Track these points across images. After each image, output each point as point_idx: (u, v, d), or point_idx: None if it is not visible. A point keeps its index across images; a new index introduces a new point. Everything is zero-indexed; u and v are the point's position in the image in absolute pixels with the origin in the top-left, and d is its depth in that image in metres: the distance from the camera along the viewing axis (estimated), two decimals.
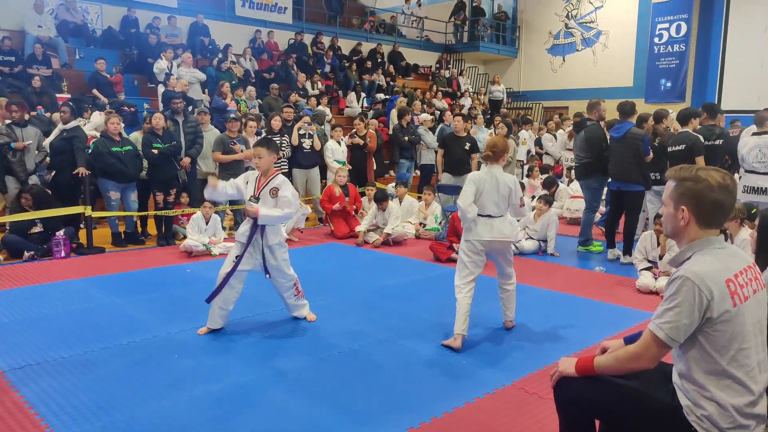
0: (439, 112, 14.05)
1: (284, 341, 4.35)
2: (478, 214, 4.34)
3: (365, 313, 5.01)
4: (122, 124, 7.94)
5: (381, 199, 8.05)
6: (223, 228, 8.05)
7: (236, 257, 4.43)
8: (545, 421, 3.14)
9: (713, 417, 2.01)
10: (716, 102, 15.43)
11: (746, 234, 5.19)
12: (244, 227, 4.49)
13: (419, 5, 19.72)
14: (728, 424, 2.00)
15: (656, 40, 16.77)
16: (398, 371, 3.84)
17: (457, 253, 6.69)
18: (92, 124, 8.89)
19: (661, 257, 5.85)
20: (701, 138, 6.70)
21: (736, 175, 7.22)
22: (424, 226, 8.51)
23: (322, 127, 10.70)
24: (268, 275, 4.55)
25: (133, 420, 3.14)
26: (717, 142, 7.03)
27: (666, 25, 16.58)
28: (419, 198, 9.31)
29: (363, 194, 8.99)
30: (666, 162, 6.83)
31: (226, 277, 4.39)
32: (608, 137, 7.08)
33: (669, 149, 6.79)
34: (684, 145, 6.59)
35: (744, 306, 2.01)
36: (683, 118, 6.87)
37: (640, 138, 6.68)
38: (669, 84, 16.58)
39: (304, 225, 8.52)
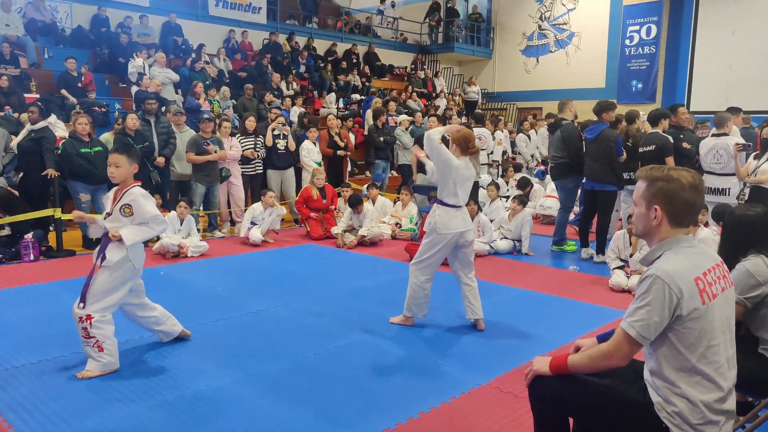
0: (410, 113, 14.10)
1: (258, 344, 4.31)
2: (453, 205, 4.41)
3: (340, 314, 4.99)
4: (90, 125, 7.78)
5: (355, 203, 8.02)
6: (198, 230, 7.97)
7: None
8: (520, 420, 3.16)
9: (684, 413, 2.04)
10: (686, 103, 15.74)
11: (704, 233, 5.32)
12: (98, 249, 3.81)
13: (393, 6, 19.75)
14: (698, 420, 2.03)
15: (627, 42, 17.04)
16: (374, 372, 3.83)
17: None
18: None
19: (632, 256, 5.94)
20: (671, 139, 6.82)
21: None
22: (400, 226, 8.53)
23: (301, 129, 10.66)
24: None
25: (103, 426, 3.08)
26: (685, 145, 7.15)
27: (637, 28, 16.87)
28: (397, 198, 9.32)
29: (339, 195, 8.97)
30: (638, 162, 6.94)
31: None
32: (583, 138, 7.16)
33: (639, 150, 6.90)
34: (654, 146, 6.70)
35: (713, 304, 2.05)
36: (653, 119, 6.98)
37: (613, 139, 6.78)
38: (640, 85, 16.87)
39: (279, 226, 8.47)
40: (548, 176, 10.65)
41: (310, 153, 9.46)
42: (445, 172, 4.42)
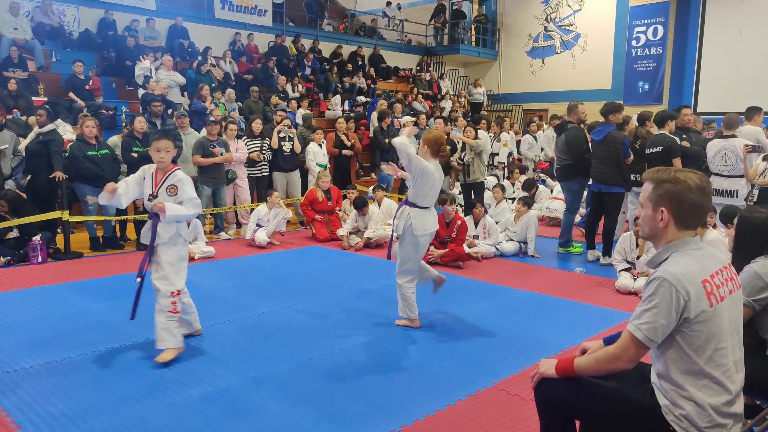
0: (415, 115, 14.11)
1: (265, 345, 4.32)
2: (424, 207, 4.58)
3: (346, 316, 4.99)
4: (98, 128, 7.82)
5: (361, 205, 8.03)
6: (204, 232, 8.00)
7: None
8: (527, 422, 3.16)
9: (691, 416, 2.03)
10: (693, 104, 15.69)
11: (713, 235, 5.29)
12: (147, 230, 4.03)
13: (399, 8, 19.76)
14: (706, 423, 2.03)
15: (634, 43, 16.99)
16: (379, 374, 3.83)
17: (433, 256, 6.76)
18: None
19: (638, 258, 5.92)
20: (677, 140, 6.80)
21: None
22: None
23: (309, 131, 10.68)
24: (139, 278, 4.02)
25: (111, 427, 3.10)
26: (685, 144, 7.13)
27: (643, 29, 16.81)
28: (400, 200, 9.32)
29: (344, 197, 8.98)
30: (645, 164, 6.92)
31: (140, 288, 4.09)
32: (589, 139, 7.15)
33: (646, 151, 6.88)
34: (661, 147, 6.68)
35: (720, 306, 2.04)
36: (660, 121, 6.96)
37: (621, 140, 6.76)
38: (646, 86, 16.81)
39: (285, 228, 8.49)
40: (547, 180, 10.65)
41: (316, 156, 9.48)
42: (422, 179, 4.52)
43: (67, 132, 8.44)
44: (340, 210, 8.74)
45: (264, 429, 3.12)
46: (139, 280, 4.04)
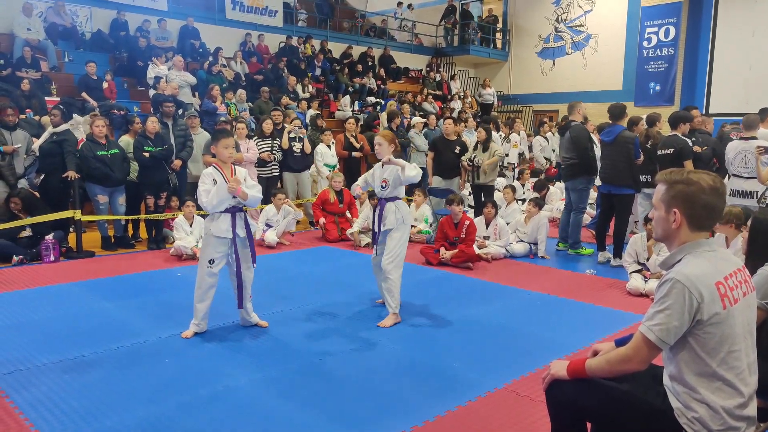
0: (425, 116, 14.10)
1: (274, 345, 4.33)
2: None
3: (355, 316, 5.00)
4: (108, 127, 7.86)
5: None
6: None
7: (222, 255, 4.47)
8: (537, 424, 3.15)
9: (704, 419, 2.02)
10: (705, 105, 15.58)
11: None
12: (224, 224, 4.40)
13: (411, 8, 19.77)
14: (719, 426, 2.01)
15: (645, 43, 16.89)
16: (389, 375, 3.83)
17: (444, 257, 6.76)
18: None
19: (648, 260, 5.89)
20: (689, 142, 6.75)
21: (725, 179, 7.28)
22: (415, 228, 8.51)
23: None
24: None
25: (122, 425, 3.12)
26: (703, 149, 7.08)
27: (655, 29, 16.70)
28: (409, 200, 9.31)
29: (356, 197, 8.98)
30: (656, 165, 6.88)
31: (239, 276, 4.49)
32: (598, 140, 7.12)
33: (658, 152, 6.84)
34: (672, 149, 6.64)
35: (734, 308, 2.03)
36: (673, 122, 6.91)
37: (631, 141, 6.72)
38: (658, 87, 16.70)
39: (294, 229, 8.51)
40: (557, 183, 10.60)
41: (324, 156, 9.49)
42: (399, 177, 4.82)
43: (80, 128, 8.50)
44: (349, 213, 8.74)
45: (273, 429, 3.12)
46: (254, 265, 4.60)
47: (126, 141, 7.84)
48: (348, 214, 8.66)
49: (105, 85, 10.91)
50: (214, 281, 4.49)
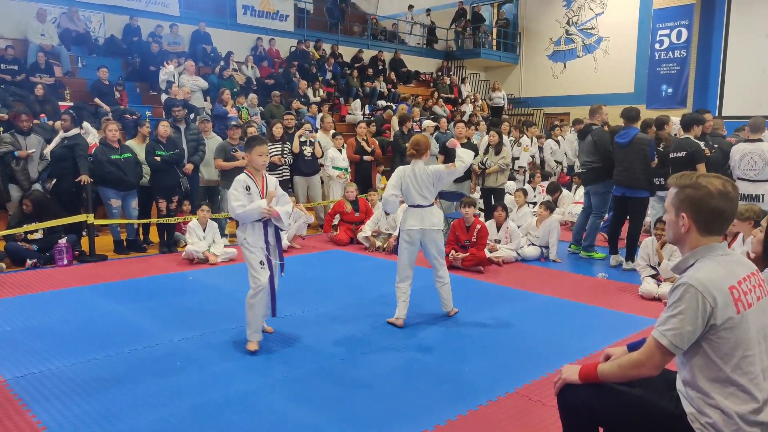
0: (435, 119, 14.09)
1: (287, 349, 4.34)
2: (409, 206, 4.90)
3: (367, 320, 4.99)
4: (120, 131, 7.91)
5: None
6: (225, 235, 8.06)
7: (261, 263, 4.26)
8: (549, 429, 3.13)
9: (718, 425, 2.00)
10: (717, 107, 15.46)
11: None
12: (257, 233, 4.27)
13: (428, 14, 19.78)
14: None
15: (657, 46, 16.80)
16: (400, 379, 3.83)
17: (455, 260, 6.74)
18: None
19: (659, 264, 5.84)
20: (702, 145, 6.70)
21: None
22: None
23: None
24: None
25: (135, 429, 3.14)
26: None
27: (667, 32, 16.61)
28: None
29: (367, 200, 8.99)
30: (669, 167, 6.83)
31: (272, 283, 4.40)
32: (613, 143, 7.07)
33: (670, 155, 6.79)
34: (685, 152, 6.59)
35: (748, 313, 2.01)
36: (686, 124, 6.86)
37: (647, 143, 6.67)
38: (670, 90, 16.60)
39: (305, 232, 8.52)
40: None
41: (334, 160, 9.51)
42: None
43: (90, 135, 8.56)
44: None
45: None
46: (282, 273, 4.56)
47: (134, 145, 7.88)
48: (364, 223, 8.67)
49: (117, 95, 11.01)
50: (266, 281, 4.28)
